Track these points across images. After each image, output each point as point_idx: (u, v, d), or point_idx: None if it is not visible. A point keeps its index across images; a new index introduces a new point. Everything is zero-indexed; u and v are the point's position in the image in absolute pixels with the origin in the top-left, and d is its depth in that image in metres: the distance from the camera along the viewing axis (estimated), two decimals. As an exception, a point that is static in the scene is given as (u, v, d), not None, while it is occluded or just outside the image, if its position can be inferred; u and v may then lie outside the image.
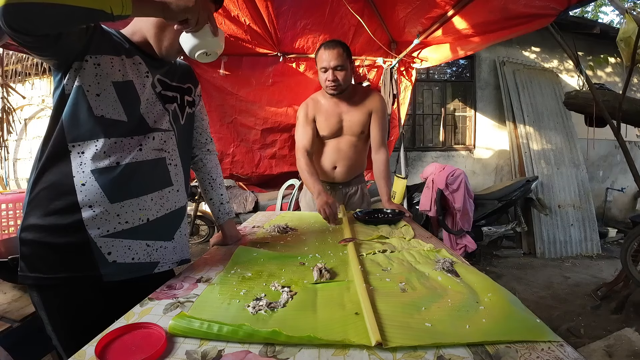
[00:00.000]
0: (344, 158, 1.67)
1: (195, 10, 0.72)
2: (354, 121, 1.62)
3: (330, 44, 1.51)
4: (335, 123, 1.63)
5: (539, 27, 1.67)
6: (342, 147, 1.65)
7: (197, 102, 1.03)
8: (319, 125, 1.64)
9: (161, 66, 0.88)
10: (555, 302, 2.63)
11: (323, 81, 1.55)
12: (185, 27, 0.76)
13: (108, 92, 0.76)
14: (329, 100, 1.63)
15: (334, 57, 1.48)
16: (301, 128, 1.64)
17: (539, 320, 0.59)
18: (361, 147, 1.70)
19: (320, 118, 1.63)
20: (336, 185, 1.73)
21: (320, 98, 1.66)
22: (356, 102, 1.63)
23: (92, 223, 0.75)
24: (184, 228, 0.95)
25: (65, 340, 0.78)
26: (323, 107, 1.64)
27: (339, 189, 1.74)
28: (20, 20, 0.57)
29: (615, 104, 2.30)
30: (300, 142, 1.63)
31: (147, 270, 0.84)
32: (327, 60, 1.49)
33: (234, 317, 0.61)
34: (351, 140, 1.65)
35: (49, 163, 0.75)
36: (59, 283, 0.76)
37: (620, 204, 5.06)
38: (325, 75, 1.52)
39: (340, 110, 1.63)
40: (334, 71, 1.49)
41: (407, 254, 0.96)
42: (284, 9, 2.25)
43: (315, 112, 1.64)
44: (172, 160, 0.88)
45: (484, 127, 4.63)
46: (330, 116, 1.63)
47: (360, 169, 1.78)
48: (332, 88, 1.53)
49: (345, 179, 1.72)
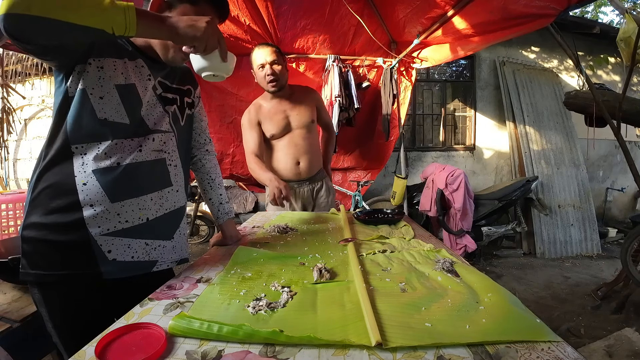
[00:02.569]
0: (305, 152, 1.71)
1: (203, 39, 0.73)
2: (301, 114, 1.68)
3: (262, 44, 1.62)
4: (281, 120, 1.67)
5: (539, 27, 1.67)
6: (297, 142, 1.69)
7: (196, 103, 1.04)
8: (265, 127, 1.68)
9: (162, 69, 0.89)
10: (555, 302, 2.63)
11: (262, 78, 1.61)
12: (194, 52, 0.78)
13: (111, 95, 0.76)
14: (271, 102, 1.69)
15: (268, 53, 1.57)
16: (247, 133, 1.68)
17: (539, 320, 0.59)
18: (314, 138, 1.76)
19: (265, 119, 1.67)
20: (303, 182, 1.76)
21: (262, 102, 1.71)
22: (298, 98, 1.70)
23: (93, 222, 0.76)
24: (183, 228, 0.95)
25: (66, 337, 0.79)
26: (266, 108, 1.69)
27: (305, 186, 1.77)
28: (21, 30, 0.58)
29: (615, 104, 2.29)
30: (249, 148, 1.67)
31: (146, 269, 0.84)
32: (262, 56, 1.57)
33: (234, 317, 0.61)
34: (302, 133, 1.70)
35: (52, 163, 0.76)
36: (59, 280, 0.76)
37: (620, 204, 5.06)
38: (263, 71, 1.59)
39: (284, 108, 1.68)
40: (271, 66, 1.57)
41: (407, 254, 0.96)
42: (284, 9, 2.25)
43: (259, 116, 1.68)
44: (172, 161, 0.89)
45: (484, 127, 4.63)
46: (275, 114, 1.67)
47: (319, 162, 1.83)
48: (272, 83, 1.59)
49: (310, 174, 1.76)
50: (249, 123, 1.68)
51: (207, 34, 0.73)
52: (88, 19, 0.60)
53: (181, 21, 0.71)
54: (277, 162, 1.72)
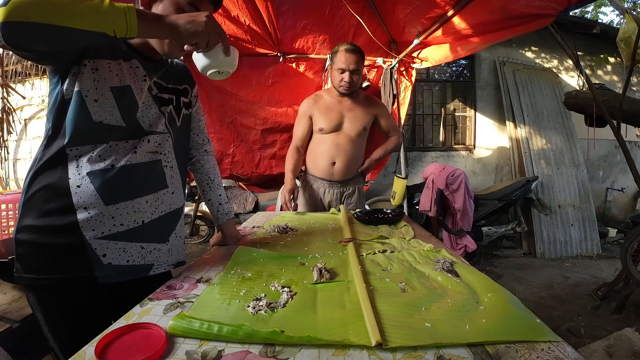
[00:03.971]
0: (343, 153, 1.69)
1: (204, 34, 0.72)
2: (356, 118, 1.68)
3: (352, 49, 1.59)
4: (335, 117, 1.67)
5: (539, 27, 1.67)
6: (341, 142, 1.69)
7: (193, 102, 1.02)
8: (318, 118, 1.68)
9: (158, 68, 0.88)
10: (555, 302, 2.63)
11: (338, 81, 1.62)
12: (196, 49, 0.76)
13: (106, 98, 0.75)
14: (333, 98, 1.69)
15: (353, 61, 1.56)
16: (298, 123, 1.72)
17: (539, 320, 0.59)
18: (360, 143, 1.73)
19: (320, 112, 1.68)
20: (334, 184, 1.75)
21: (324, 94, 1.72)
22: (359, 102, 1.70)
23: (87, 225, 0.75)
24: (180, 230, 0.94)
25: (62, 341, 0.78)
26: (325, 102, 1.69)
27: (336, 187, 1.76)
28: (20, 38, 0.56)
29: (615, 104, 2.30)
30: (295, 138, 1.71)
31: (142, 273, 0.83)
32: (347, 63, 1.56)
33: (234, 317, 0.61)
34: (350, 136, 1.69)
35: (46, 165, 0.75)
36: (53, 284, 0.75)
37: (620, 204, 5.06)
38: (342, 75, 1.59)
39: (342, 108, 1.68)
40: (351, 74, 1.57)
41: (407, 254, 0.96)
42: (284, 9, 2.25)
43: (315, 108, 1.69)
44: (167, 163, 0.87)
45: (484, 127, 4.63)
46: (331, 110, 1.67)
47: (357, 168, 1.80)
48: (345, 88, 1.61)
49: (343, 177, 1.74)
50: (302, 113, 1.71)
51: (209, 28, 0.71)
52: (89, 22, 0.59)
53: (180, 18, 0.70)
54: (315, 157, 1.73)
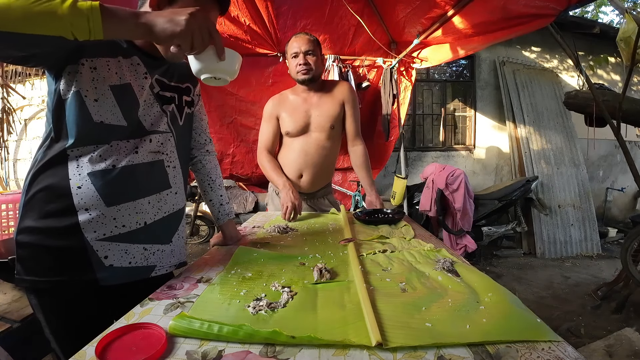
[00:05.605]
0: (311, 165, 1.57)
1: (185, 35, 0.63)
2: (323, 115, 1.55)
3: (300, 34, 1.53)
4: (301, 118, 1.55)
5: (538, 27, 1.68)
6: (309, 150, 1.56)
7: (196, 101, 1.00)
8: (284, 120, 1.57)
9: (160, 65, 0.86)
10: (556, 302, 2.63)
11: (294, 67, 1.52)
12: (181, 52, 0.68)
13: (106, 97, 0.73)
14: (298, 96, 1.59)
15: (304, 42, 1.49)
16: (263, 125, 1.61)
17: (540, 320, 0.59)
18: (330, 148, 1.59)
19: (285, 114, 1.57)
20: (302, 195, 1.62)
21: (288, 94, 1.62)
22: (325, 94, 1.58)
23: (89, 226, 0.74)
24: (182, 231, 0.93)
25: (63, 343, 0.77)
26: (289, 102, 1.59)
27: (303, 200, 1.63)
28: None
29: (615, 104, 2.30)
30: (261, 142, 1.60)
31: (144, 274, 0.82)
32: (297, 45, 1.49)
33: (234, 317, 0.61)
34: (319, 140, 1.56)
35: (46, 165, 0.74)
36: (54, 286, 0.75)
37: (620, 203, 5.06)
38: (296, 60, 1.50)
39: (308, 106, 1.56)
40: (304, 55, 1.49)
41: (407, 254, 0.96)
42: (284, 9, 2.25)
43: (280, 109, 1.58)
44: (170, 162, 0.86)
45: (484, 127, 4.64)
46: (296, 111, 1.56)
47: (327, 179, 1.69)
48: (303, 72, 1.49)
49: (311, 190, 1.64)
50: (268, 115, 1.59)
51: (190, 29, 0.63)
52: (43, 27, 0.54)
53: (160, 16, 0.63)
54: (283, 165, 1.61)
